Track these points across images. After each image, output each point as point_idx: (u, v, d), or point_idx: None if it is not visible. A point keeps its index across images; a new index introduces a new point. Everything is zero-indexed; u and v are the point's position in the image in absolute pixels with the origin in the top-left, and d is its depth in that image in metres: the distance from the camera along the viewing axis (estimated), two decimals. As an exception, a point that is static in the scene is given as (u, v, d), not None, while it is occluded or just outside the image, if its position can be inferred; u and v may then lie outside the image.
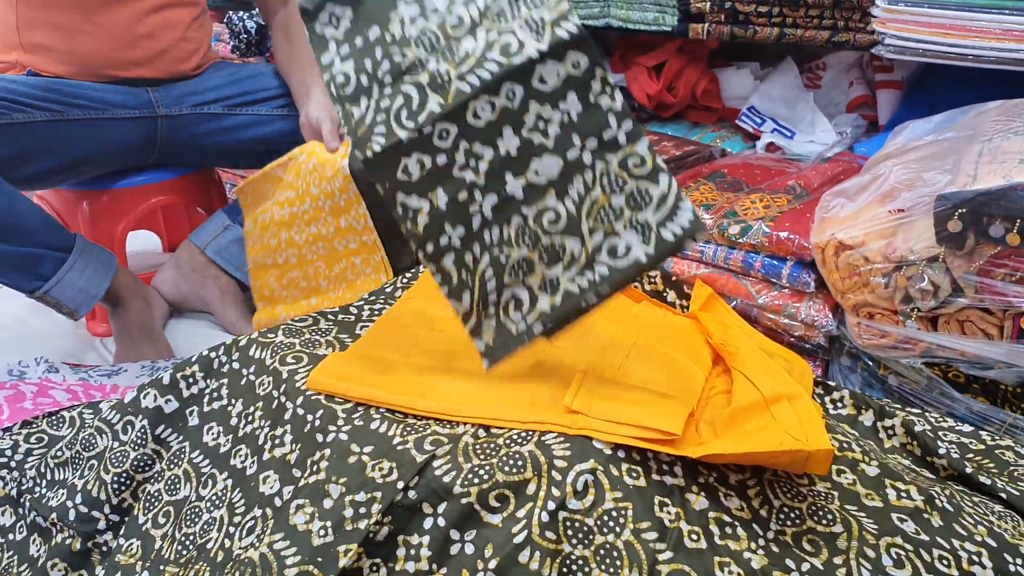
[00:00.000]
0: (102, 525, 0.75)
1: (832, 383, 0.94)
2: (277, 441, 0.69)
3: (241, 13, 1.65)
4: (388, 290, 0.98)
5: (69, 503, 0.75)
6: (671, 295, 1.09)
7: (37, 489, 0.79)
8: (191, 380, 0.79)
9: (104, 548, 0.74)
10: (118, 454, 0.77)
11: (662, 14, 1.47)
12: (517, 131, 0.65)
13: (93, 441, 0.79)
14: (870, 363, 0.99)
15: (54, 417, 0.92)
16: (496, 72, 0.64)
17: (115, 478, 0.75)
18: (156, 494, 0.74)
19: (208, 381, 0.78)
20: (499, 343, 0.69)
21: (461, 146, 0.66)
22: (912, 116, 1.20)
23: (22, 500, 0.79)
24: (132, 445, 0.77)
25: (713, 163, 1.30)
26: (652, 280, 1.09)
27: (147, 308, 1.32)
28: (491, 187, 0.66)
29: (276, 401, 0.72)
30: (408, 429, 0.66)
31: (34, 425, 0.91)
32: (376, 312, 0.90)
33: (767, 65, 1.61)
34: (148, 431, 0.77)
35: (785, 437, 0.62)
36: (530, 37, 0.64)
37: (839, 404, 0.88)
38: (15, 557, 0.78)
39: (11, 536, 0.80)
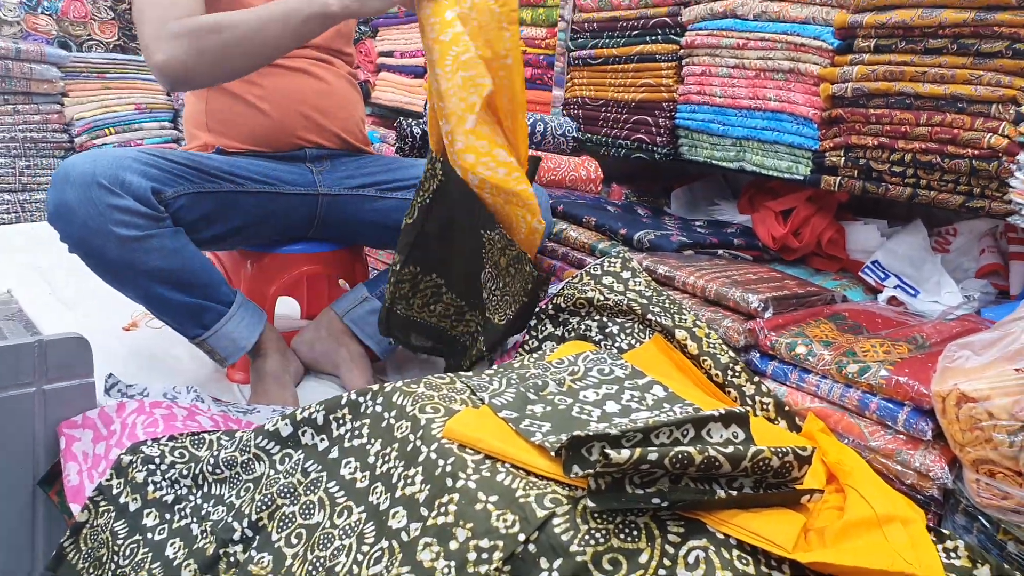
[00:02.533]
0: (236, 536, 0.82)
1: (946, 531, 0.92)
2: (409, 480, 0.75)
3: (411, 120, 1.85)
4: (516, 365, 1.05)
5: (228, 518, 0.84)
6: (782, 425, 1.10)
7: (194, 499, 0.88)
8: (341, 421, 0.88)
9: (232, 558, 0.81)
10: (272, 480, 0.85)
11: (796, 163, 1.55)
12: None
13: (252, 466, 0.88)
14: (987, 525, 0.97)
15: (196, 437, 1.02)
16: (684, 416, 0.75)
17: (262, 499, 0.83)
18: (291, 516, 0.81)
19: (354, 422, 0.86)
20: None
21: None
22: (1045, 289, 1.21)
23: (177, 507, 0.88)
24: (284, 474, 0.85)
25: (834, 306, 1.33)
26: (765, 407, 1.12)
27: (284, 363, 1.44)
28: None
29: (412, 444, 0.79)
30: (530, 485, 0.71)
31: (178, 441, 1.01)
32: (511, 381, 0.97)
33: (895, 223, 1.65)
34: (300, 464, 0.86)
35: (896, 558, 0.63)
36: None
37: (953, 554, 0.87)
38: (149, 554, 0.86)
39: (151, 536, 0.88)
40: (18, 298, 1.75)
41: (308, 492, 0.83)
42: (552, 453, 0.73)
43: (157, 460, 0.96)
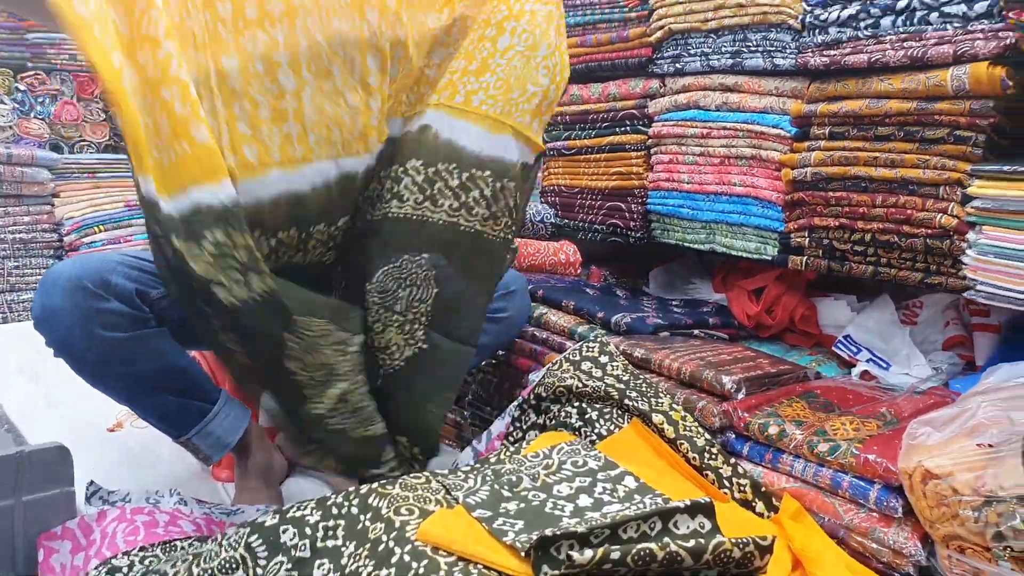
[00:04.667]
0: None
1: (922, 612, 0.93)
2: None
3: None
4: (492, 460, 1.07)
5: None
6: (759, 506, 1.12)
7: None
8: (315, 525, 0.89)
9: None
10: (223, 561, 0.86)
11: (763, 244, 1.61)
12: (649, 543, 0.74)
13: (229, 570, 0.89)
14: (964, 601, 0.98)
15: (168, 545, 1.03)
16: (652, 509, 0.78)
17: None
18: None
19: (328, 523, 0.88)
20: None
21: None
22: (1009, 359, 1.25)
23: None
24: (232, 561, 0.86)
25: (807, 383, 1.36)
26: (742, 489, 1.14)
27: (269, 460, 1.45)
28: None
29: (384, 545, 0.80)
30: None
31: (149, 551, 1.02)
32: (486, 478, 0.99)
33: (864, 298, 1.70)
34: (280, 568, 0.86)
35: None
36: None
37: None
38: None
39: None
40: (2, 400, 1.76)
41: None
42: (522, 553, 0.74)
43: (125, 570, 0.97)
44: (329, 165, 1.20)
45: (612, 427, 1.24)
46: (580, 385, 1.31)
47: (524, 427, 1.34)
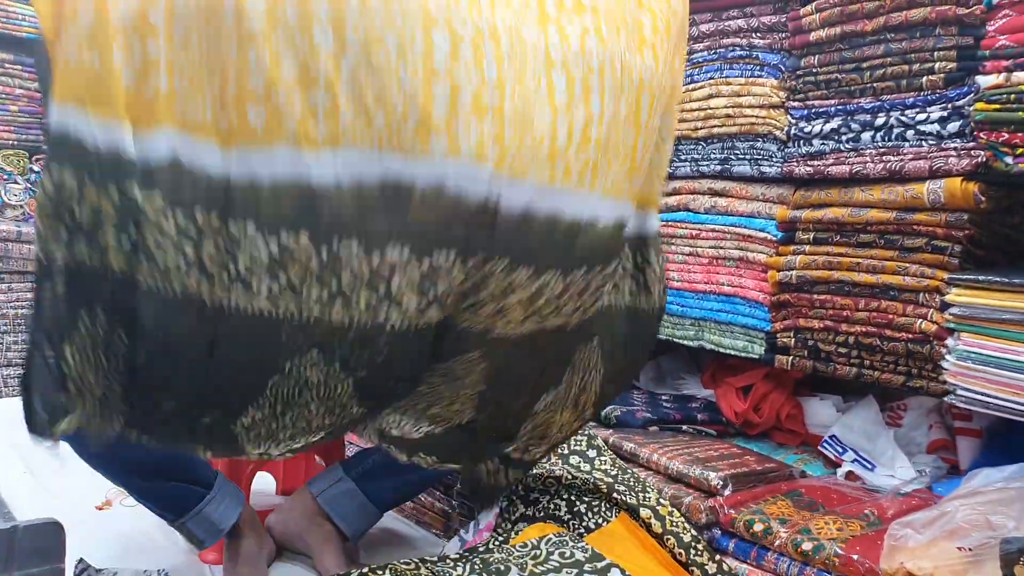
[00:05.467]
0: None
1: None
2: None
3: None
4: (481, 549, 1.08)
5: None
6: (745, 604, 1.13)
7: None
8: None
9: None
10: None
11: (751, 343, 1.66)
12: None
13: None
14: None
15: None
16: None
17: None
18: None
19: None
20: None
21: None
22: (991, 463, 1.27)
23: None
24: None
25: (792, 482, 1.38)
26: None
27: (259, 543, 1.45)
28: None
29: None
30: None
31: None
32: (475, 567, 1.00)
33: (850, 398, 1.73)
34: None
35: None
36: None
37: None
38: None
39: None
40: (-7, 476, 1.76)
41: None
42: None
43: None
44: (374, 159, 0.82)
45: (600, 520, 1.25)
46: (569, 477, 1.32)
47: (512, 518, 1.35)
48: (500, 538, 1.14)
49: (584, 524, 1.26)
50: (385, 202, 0.81)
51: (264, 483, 1.83)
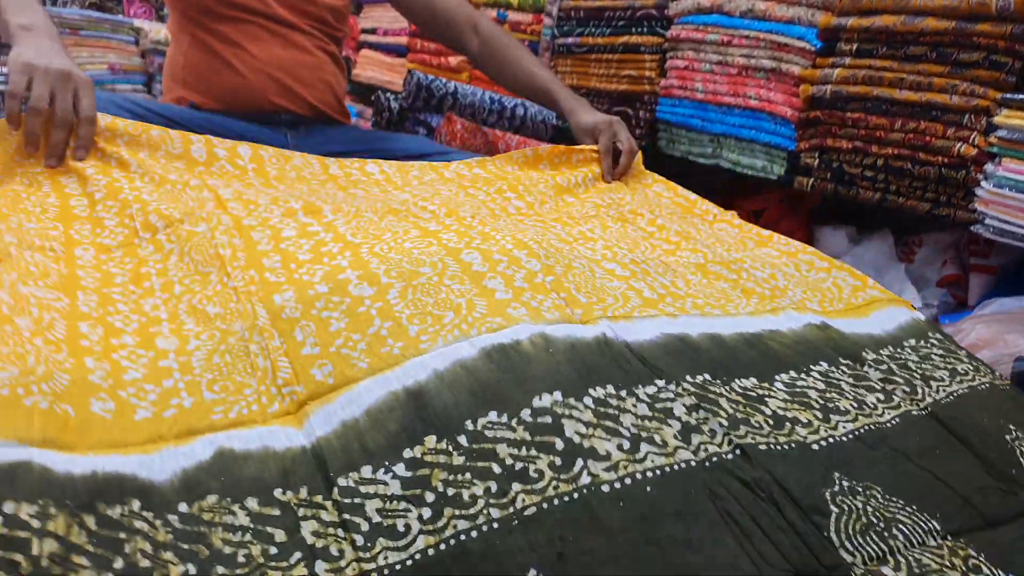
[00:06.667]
0: None
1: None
2: None
3: (389, 94, 1.83)
4: None
5: None
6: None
7: None
8: None
9: None
10: None
11: (771, 163, 1.56)
12: None
13: None
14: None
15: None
16: None
17: None
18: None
19: None
20: None
21: None
22: (1002, 301, 1.23)
23: None
24: None
25: (799, 303, 1.34)
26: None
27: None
28: None
29: None
30: None
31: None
32: None
33: (863, 232, 1.66)
34: None
35: None
36: None
37: None
38: None
39: None
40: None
41: None
42: None
43: None
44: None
45: None
46: None
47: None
48: None
49: None
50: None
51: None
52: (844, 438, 0.71)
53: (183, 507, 0.57)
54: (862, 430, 0.72)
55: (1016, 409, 0.81)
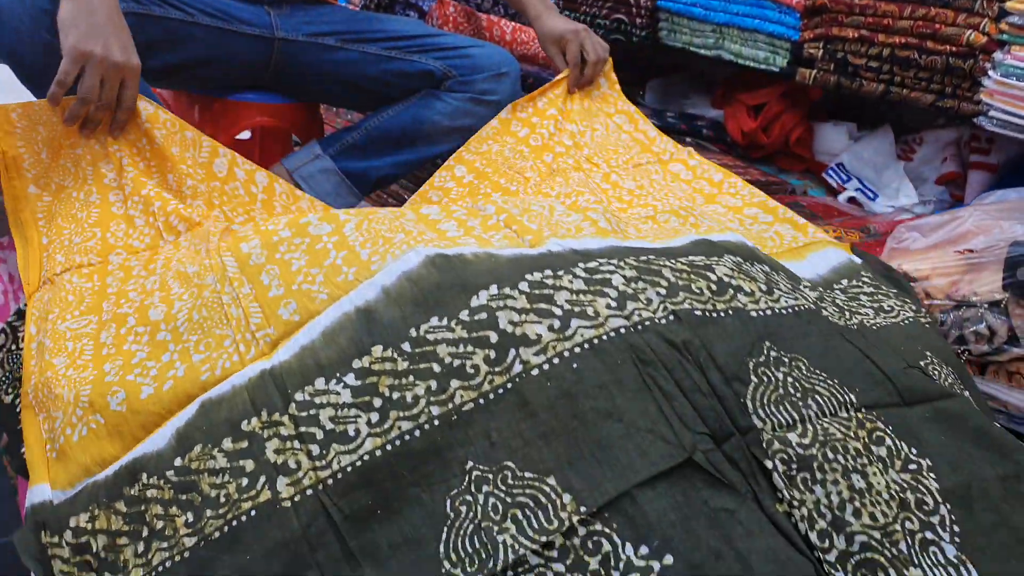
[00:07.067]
0: None
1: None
2: None
3: (379, -25, 1.76)
4: None
5: None
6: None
7: None
8: None
9: None
10: None
11: (773, 55, 1.51)
12: None
13: None
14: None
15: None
16: None
17: None
18: None
19: None
20: None
21: None
22: (1000, 198, 1.21)
23: None
24: None
25: (794, 196, 1.32)
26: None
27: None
28: None
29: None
30: None
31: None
32: None
33: (864, 128, 1.63)
34: None
35: None
36: None
37: None
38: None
39: None
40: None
41: None
42: None
43: None
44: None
45: None
46: None
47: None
48: None
49: None
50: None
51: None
52: (783, 311, 0.71)
53: (178, 461, 0.64)
54: (801, 307, 0.74)
55: (934, 339, 0.83)
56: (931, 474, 0.61)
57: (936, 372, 0.74)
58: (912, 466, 0.62)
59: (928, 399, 0.69)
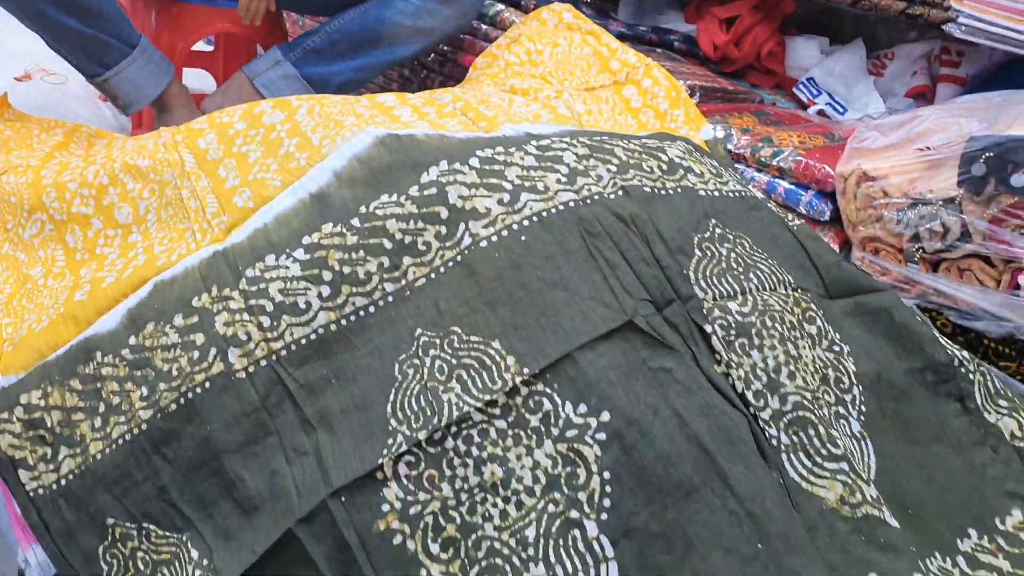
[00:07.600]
0: None
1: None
2: None
3: None
4: None
5: None
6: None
7: None
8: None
9: None
10: None
11: (747, -37, 1.48)
12: None
13: None
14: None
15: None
16: None
17: None
18: None
19: None
20: None
21: None
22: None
23: None
24: None
25: (761, 105, 1.31)
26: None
27: (191, 120, 1.36)
28: None
29: None
30: None
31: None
32: None
33: (836, 43, 1.61)
34: None
35: None
36: None
37: None
38: None
39: None
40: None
41: None
42: None
43: None
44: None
45: None
46: None
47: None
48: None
49: None
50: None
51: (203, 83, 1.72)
52: (730, 194, 0.73)
53: (132, 340, 0.66)
54: (748, 194, 0.75)
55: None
56: (850, 358, 0.64)
57: None
58: (836, 348, 0.65)
59: (854, 292, 0.72)
